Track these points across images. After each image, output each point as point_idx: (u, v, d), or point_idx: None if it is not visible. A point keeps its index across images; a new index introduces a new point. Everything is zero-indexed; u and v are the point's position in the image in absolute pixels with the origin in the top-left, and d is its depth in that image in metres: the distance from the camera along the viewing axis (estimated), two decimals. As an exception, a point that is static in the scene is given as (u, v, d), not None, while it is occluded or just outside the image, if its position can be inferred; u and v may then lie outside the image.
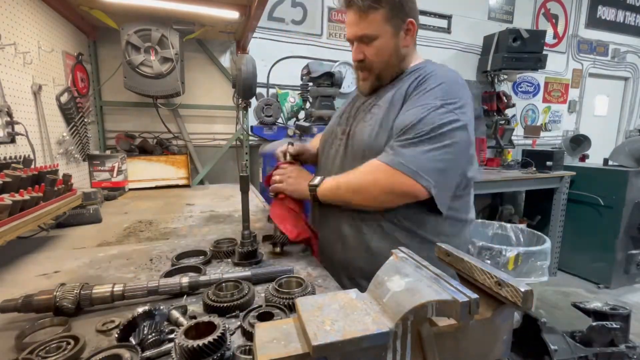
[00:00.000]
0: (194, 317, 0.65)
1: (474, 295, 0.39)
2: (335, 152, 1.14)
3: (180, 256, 1.00)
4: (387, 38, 1.00)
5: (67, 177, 1.26)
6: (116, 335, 0.59)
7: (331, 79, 2.66)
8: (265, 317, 0.65)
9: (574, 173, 3.58)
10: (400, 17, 0.99)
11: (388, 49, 1.02)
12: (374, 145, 1.00)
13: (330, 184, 1.02)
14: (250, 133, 2.78)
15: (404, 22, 1.00)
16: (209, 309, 0.70)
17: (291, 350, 0.39)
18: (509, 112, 4.14)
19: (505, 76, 3.97)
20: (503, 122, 3.99)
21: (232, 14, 2.07)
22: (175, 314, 0.66)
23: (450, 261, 0.56)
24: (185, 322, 0.63)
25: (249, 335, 0.60)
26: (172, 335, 0.60)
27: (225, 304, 0.69)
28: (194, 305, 0.74)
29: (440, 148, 0.90)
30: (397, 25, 1.00)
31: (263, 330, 0.43)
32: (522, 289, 0.41)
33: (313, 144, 1.37)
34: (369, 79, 1.09)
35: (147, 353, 0.56)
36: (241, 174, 0.94)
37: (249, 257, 0.98)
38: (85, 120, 2.13)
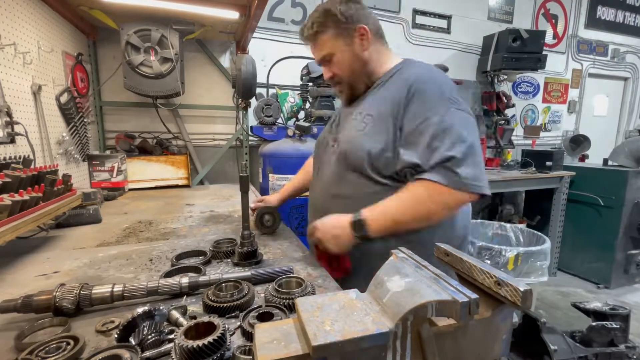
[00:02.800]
0: (194, 317, 0.65)
1: (474, 295, 0.39)
2: (328, 159, 1.17)
3: (180, 256, 1.01)
4: (342, 51, 1.07)
5: (66, 177, 1.26)
6: (116, 336, 0.59)
7: (331, 79, 2.65)
8: (265, 317, 0.65)
9: (573, 173, 3.58)
10: (348, 29, 1.05)
11: (347, 59, 1.08)
12: (368, 159, 1.02)
13: (381, 224, 0.95)
14: (250, 133, 2.78)
15: (354, 30, 1.05)
16: (208, 309, 0.70)
17: (291, 351, 0.39)
18: (508, 112, 4.14)
19: (505, 76, 3.97)
20: (503, 122, 3.99)
21: (232, 14, 2.07)
22: (175, 314, 0.66)
23: (450, 261, 0.56)
24: (185, 322, 0.63)
25: (248, 336, 0.60)
26: (171, 336, 0.60)
27: (225, 304, 0.69)
28: (194, 306, 0.74)
29: (475, 149, 0.94)
30: (348, 36, 1.06)
31: (263, 331, 0.43)
32: (522, 289, 0.41)
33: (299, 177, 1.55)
34: (344, 91, 1.16)
35: (147, 353, 0.56)
36: (241, 175, 0.94)
37: (249, 257, 0.98)
38: (85, 120, 2.13)
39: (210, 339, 0.51)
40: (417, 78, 1.00)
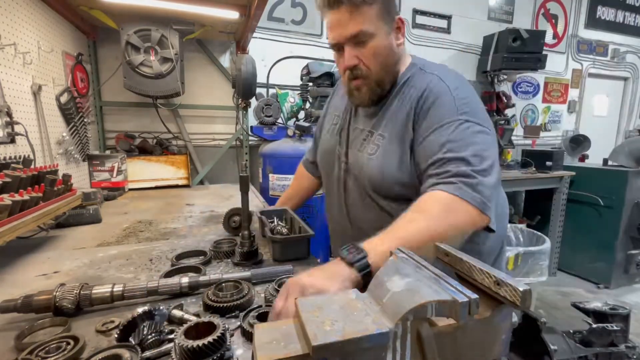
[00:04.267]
0: (198, 315, 0.65)
1: (474, 295, 0.39)
2: (337, 177, 1.07)
3: (180, 256, 1.00)
4: (383, 36, 0.89)
5: (66, 177, 1.26)
6: (116, 336, 0.59)
7: (331, 79, 2.66)
8: (264, 317, 0.65)
9: (573, 173, 3.58)
10: (390, 14, 0.90)
11: (385, 48, 0.90)
12: (383, 185, 0.93)
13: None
14: (250, 133, 2.78)
15: (393, 19, 0.91)
16: (209, 309, 0.70)
17: (291, 351, 0.39)
18: (508, 112, 4.14)
19: (505, 76, 3.98)
20: (503, 122, 3.99)
21: (232, 14, 2.07)
22: (177, 313, 0.66)
23: (450, 261, 0.56)
24: (190, 318, 0.63)
25: (248, 335, 0.60)
26: (171, 336, 0.60)
27: (225, 304, 0.69)
28: (194, 306, 0.74)
29: (492, 169, 0.79)
30: (389, 22, 0.90)
31: (262, 331, 0.43)
32: (521, 289, 0.41)
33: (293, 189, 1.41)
34: (365, 87, 0.94)
35: (147, 353, 0.56)
36: (241, 174, 0.94)
37: (249, 257, 0.97)
38: (85, 120, 2.13)
39: (210, 338, 0.51)
40: (428, 90, 0.89)
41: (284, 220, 1.19)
